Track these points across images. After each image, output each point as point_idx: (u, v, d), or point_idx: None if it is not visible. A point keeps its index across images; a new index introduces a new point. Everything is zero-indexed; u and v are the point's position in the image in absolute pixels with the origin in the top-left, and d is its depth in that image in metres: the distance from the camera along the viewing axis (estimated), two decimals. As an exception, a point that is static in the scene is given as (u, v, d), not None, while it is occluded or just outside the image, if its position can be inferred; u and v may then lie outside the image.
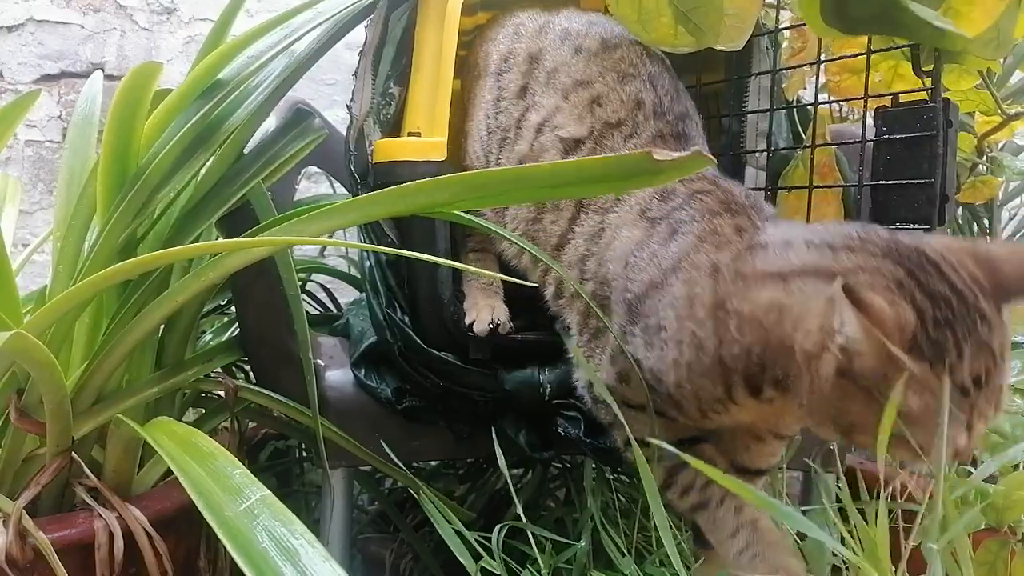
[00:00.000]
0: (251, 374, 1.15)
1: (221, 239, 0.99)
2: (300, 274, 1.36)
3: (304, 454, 1.45)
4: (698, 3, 0.90)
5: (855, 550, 0.69)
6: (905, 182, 0.92)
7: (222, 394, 1.01)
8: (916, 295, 0.64)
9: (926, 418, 0.62)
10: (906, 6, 0.77)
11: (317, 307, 1.49)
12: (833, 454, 1.00)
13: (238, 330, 1.10)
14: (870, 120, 1.00)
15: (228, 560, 1.00)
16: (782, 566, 0.77)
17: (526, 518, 0.92)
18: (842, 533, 0.71)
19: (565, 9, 1.05)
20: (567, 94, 0.95)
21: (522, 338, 1.00)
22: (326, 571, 0.53)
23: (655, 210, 0.84)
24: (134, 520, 0.82)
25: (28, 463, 0.85)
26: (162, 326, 0.93)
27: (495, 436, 0.96)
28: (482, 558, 0.87)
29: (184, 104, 0.90)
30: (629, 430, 0.81)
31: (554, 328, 0.97)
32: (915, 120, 0.91)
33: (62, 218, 0.95)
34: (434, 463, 1.45)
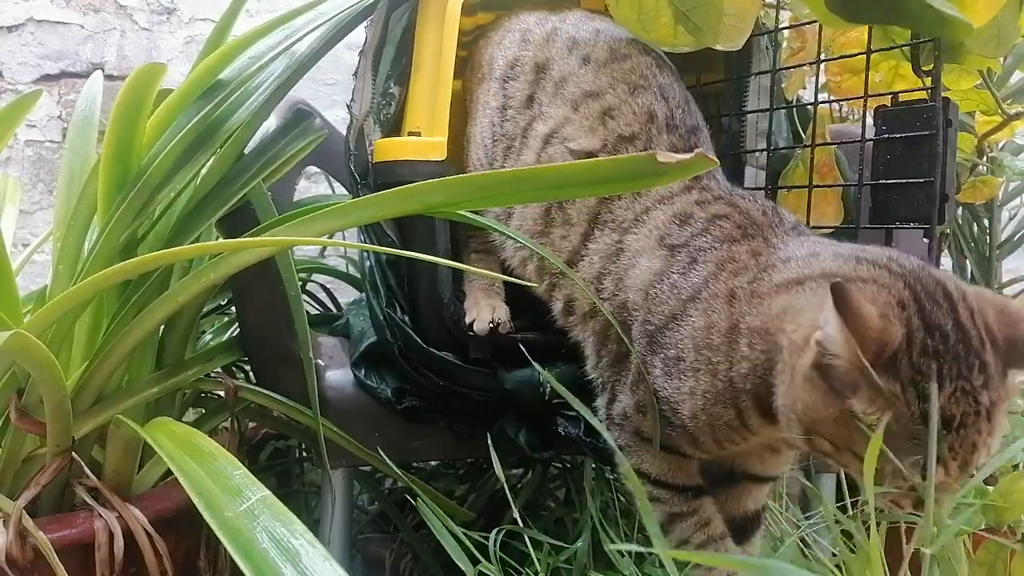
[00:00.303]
0: (251, 374, 1.15)
1: (221, 239, 0.99)
2: (300, 274, 1.36)
3: (304, 454, 1.45)
4: (698, 3, 0.90)
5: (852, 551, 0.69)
6: (905, 181, 0.92)
7: (222, 394, 1.01)
8: (913, 319, 0.63)
9: (887, 438, 0.59)
10: (910, -9, 0.77)
11: (317, 307, 1.49)
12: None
13: (238, 330, 1.10)
14: (870, 119, 1.00)
15: (228, 560, 1.00)
16: None
17: (527, 518, 0.92)
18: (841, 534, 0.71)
19: (572, 14, 1.04)
20: (576, 105, 0.94)
21: (522, 338, 1.00)
22: (326, 571, 0.53)
23: (674, 237, 0.83)
24: (134, 520, 0.82)
25: (28, 463, 0.85)
26: (162, 326, 0.94)
27: (491, 439, 0.96)
28: (480, 562, 0.87)
29: (185, 104, 0.91)
30: (640, 462, 0.82)
31: (554, 328, 0.97)
32: (915, 119, 0.91)
33: (62, 218, 0.95)
34: (434, 463, 1.45)
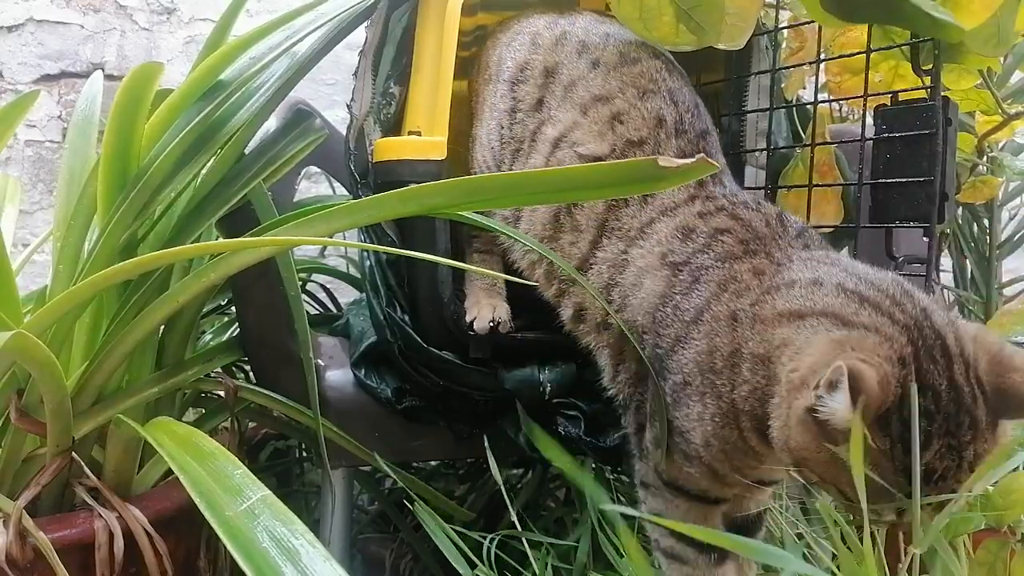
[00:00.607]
0: (251, 374, 1.15)
1: (221, 239, 0.99)
2: (300, 274, 1.36)
3: (304, 454, 1.45)
4: (699, 2, 0.89)
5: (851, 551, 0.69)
6: (905, 180, 0.92)
7: (222, 394, 1.01)
8: (909, 378, 0.63)
9: (870, 481, 0.61)
10: (905, -6, 0.77)
11: (317, 307, 1.49)
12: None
13: (238, 330, 1.10)
14: (870, 119, 1.00)
15: (228, 560, 1.00)
16: None
17: (526, 518, 0.92)
18: (842, 533, 0.71)
19: (582, 17, 1.04)
20: (585, 109, 0.93)
21: (522, 337, 1.00)
22: (326, 571, 0.53)
23: (677, 253, 0.82)
24: (134, 520, 0.82)
25: (28, 463, 0.85)
26: (162, 326, 0.94)
27: (488, 441, 0.96)
28: (477, 566, 0.87)
29: (185, 105, 0.90)
30: (664, 508, 0.83)
31: (554, 327, 0.97)
32: (915, 118, 0.91)
33: (62, 218, 0.95)
34: (434, 463, 1.45)
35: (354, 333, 1.12)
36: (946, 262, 1.44)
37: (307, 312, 1.00)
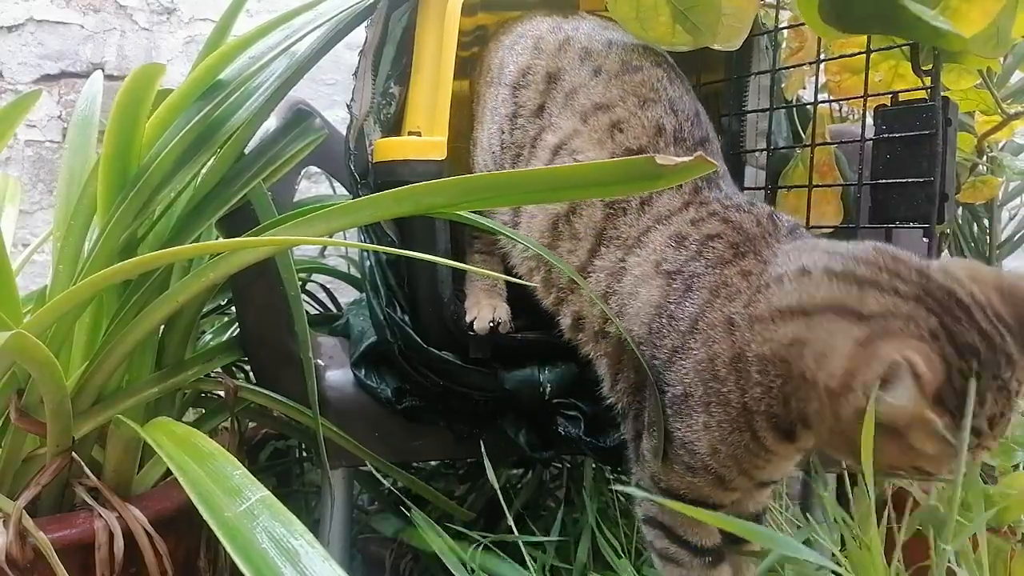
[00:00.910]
0: (251, 374, 1.15)
1: (221, 239, 0.99)
2: (300, 274, 1.36)
3: (304, 454, 1.45)
4: (696, 2, 0.89)
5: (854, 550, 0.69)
6: (905, 181, 0.92)
7: (222, 394, 1.01)
8: (947, 348, 0.64)
9: (938, 458, 0.64)
10: (904, 4, 0.77)
11: (317, 307, 1.49)
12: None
13: (238, 330, 1.10)
14: (870, 119, 1.00)
15: (228, 560, 1.00)
16: None
17: (527, 518, 0.92)
18: (842, 533, 0.72)
19: (585, 22, 1.03)
20: (586, 117, 0.93)
21: (522, 337, 1.00)
22: (326, 571, 0.53)
23: (670, 262, 0.82)
24: (134, 520, 0.82)
25: (28, 463, 0.86)
26: (162, 326, 0.94)
27: (483, 444, 0.96)
28: (474, 571, 0.87)
29: (185, 104, 0.90)
30: (660, 511, 0.82)
31: (554, 328, 0.97)
32: (915, 118, 0.91)
33: (62, 218, 0.95)
34: (434, 463, 1.45)
35: (354, 333, 1.12)
36: (946, 262, 1.44)
37: (307, 312, 1.00)
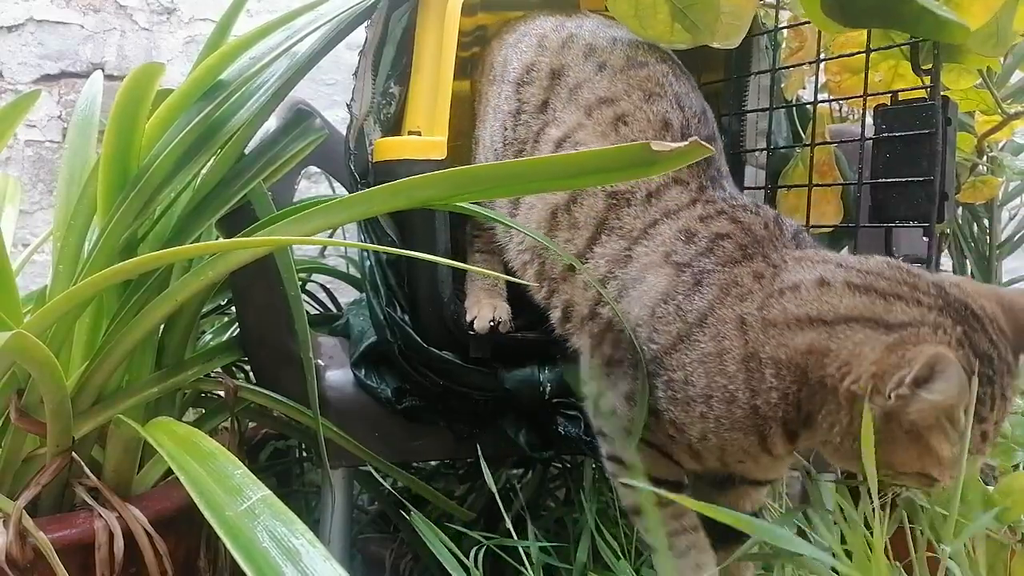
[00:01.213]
0: (251, 374, 1.15)
1: (221, 239, 0.99)
2: (300, 274, 1.36)
3: (304, 454, 1.45)
4: (695, 0, 0.89)
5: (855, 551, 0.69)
6: (904, 180, 0.92)
7: (222, 394, 1.01)
8: (970, 355, 0.67)
9: (948, 463, 0.67)
10: (908, -4, 0.77)
11: (317, 307, 1.49)
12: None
13: (238, 330, 1.10)
14: (869, 119, 1.00)
15: (228, 560, 1.00)
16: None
17: (526, 518, 0.92)
18: (843, 533, 0.72)
19: (589, 20, 1.03)
20: (590, 111, 0.93)
21: (522, 337, 1.00)
22: (327, 571, 0.53)
23: (680, 254, 0.83)
24: (134, 520, 0.82)
25: (28, 463, 0.86)
26: (162, 326, 0.94)
27: (479, 449, 0.96)
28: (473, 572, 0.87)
29: (186, 105, 0.91)
30: (622, 450, 0.83)
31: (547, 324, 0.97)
32: (914, 118, 0.91)
33: (62, 218, 0.95)
34: (434, 463, 1.45)
35: (354, 333, 1.12)
36: (946, 262, 1.45)
37: (307, 312, 0.99)
